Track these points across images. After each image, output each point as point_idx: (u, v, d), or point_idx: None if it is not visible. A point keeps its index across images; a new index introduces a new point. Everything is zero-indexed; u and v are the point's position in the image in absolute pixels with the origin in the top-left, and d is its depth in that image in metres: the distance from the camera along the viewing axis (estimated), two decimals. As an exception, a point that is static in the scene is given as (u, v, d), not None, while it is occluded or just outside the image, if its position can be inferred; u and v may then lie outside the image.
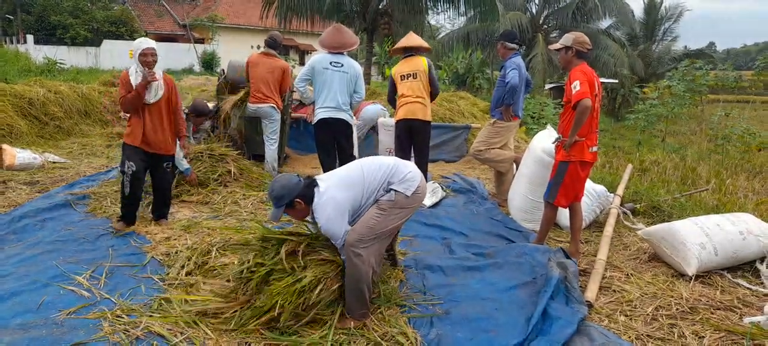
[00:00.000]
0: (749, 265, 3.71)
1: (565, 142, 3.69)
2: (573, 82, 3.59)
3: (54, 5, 27.51)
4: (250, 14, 29.87)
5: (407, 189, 2.91)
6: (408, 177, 2.94)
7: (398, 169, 2.97)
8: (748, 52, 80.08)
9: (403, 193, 2.89)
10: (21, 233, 4.02)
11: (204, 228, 4.19)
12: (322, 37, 5.18)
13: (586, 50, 3.74)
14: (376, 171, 2.93)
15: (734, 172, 8.42)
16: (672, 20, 28.25)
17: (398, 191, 2.90)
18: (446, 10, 16.58)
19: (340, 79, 4.96)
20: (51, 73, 13.88)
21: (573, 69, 3.69)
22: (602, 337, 2.71)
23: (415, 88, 5.30)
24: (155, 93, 4.00)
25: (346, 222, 2.79)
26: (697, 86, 13.87)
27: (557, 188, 3.81)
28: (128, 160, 3.97)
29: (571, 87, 3.58)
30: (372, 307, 2.93)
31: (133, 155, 3.99)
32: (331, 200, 2.75)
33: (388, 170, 2.94)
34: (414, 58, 5.39)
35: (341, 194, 2.79)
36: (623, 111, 20.17)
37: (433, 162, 7.58)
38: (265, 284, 2.77)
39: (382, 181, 2.92)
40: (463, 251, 3.94)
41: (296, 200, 2.77)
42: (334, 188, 2.81)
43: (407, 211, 2.97)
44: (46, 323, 2.71)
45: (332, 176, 2.96)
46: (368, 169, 2.94)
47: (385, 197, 2.90)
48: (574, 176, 3.75)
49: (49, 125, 7.92)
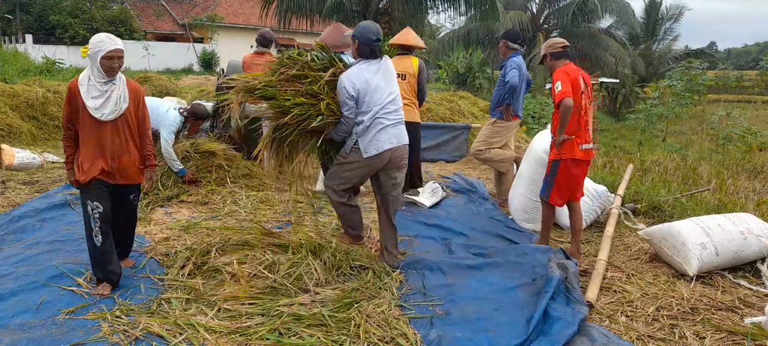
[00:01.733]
0: (750, 265, 3.70)
1: (555, 141, 3.76)
2: (555, 82, 3.69)
3: (53, 5, 27.52)
4: (249, 14, 29.88)
5: (366, 150, 3.29)
6: (376, 138, 3.29)
7: (380, 119, 3.30)
8: (748, 52, 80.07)
9: (362, 152, 3.30)
10: (20, 232, 4.01)
11: (203, 228, 4.18)
12: (322, 36, 5.16)
13: (562, 49, 3.84)
14: (381, 92, 3.32)
15: (735, 172, 8.41)
16: (673, 20, 28.21)
17: (356, 149, 3.32)
18: (447, 10, 16.59)
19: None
20: (50, 72, 13.90)
21: (556, 70, 3.78)
22: (603, 337, 2.70)
23: (402, 90, 5.27)
24: (116, 106, 3.02)
25: (352, 103, 3.24)
26: (696, 86, 13.86)
27: (551, 186, 3.86)
28: (92, 201, 3.00)
29: (554, 87, 3.68)
30: (372, 307, 2.92)
31: (95, 192, 3.02)
32: (345, 77, 3.26)
33: (383, 102, 3.31)
34: (406, 57, 5.35)
35: (357, 78, 3.26)
36: (624, 111, 20.18)
37: (433, 162, 7.58)
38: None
39: (378, 106, 3.29)
40: (463, 252, 3.93)
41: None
42: (358, 68, 3.31)
43: (364, 169, 3.39)
44: (46, 323, 2.71)
45: (363, 65, 3.36)
46: (380, 86, 3.33)
47: (344, 148, 3.37)
48: (566, 174, 3.79)
49: (48, 125, 7.92)
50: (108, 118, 3.00)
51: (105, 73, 2.96)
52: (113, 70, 2.98)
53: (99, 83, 2.97)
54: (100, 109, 2.98)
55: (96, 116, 2.97)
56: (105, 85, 2.99)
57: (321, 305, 2.88)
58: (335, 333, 2.68)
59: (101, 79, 2.98)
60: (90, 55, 2.98)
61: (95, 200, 3.01)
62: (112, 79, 3.01)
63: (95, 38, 2.99)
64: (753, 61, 60.39)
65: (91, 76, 2.97)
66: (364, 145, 3.32)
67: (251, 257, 3.31)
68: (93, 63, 2.96)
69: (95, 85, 2.97)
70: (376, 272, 3.36)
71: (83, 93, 2.96)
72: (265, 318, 2.78)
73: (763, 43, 72.83)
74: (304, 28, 16.89)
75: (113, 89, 3.02)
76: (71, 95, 3.00)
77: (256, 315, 2.80)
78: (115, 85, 3.02)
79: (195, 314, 2.82)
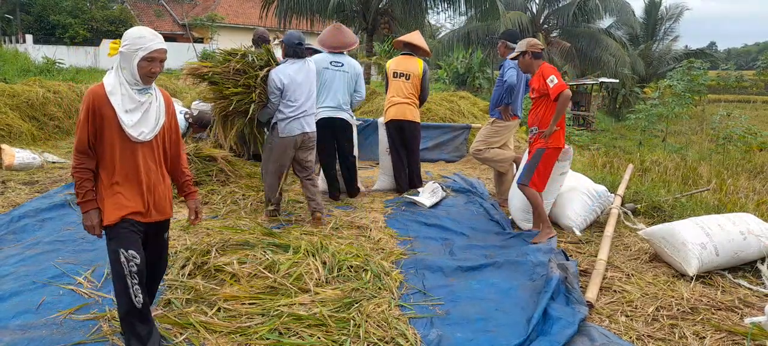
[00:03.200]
0: (750, 265, 3.70)
1: (543, 133, 4.03)
2: (548, 76, 3.95)
3: (53, 5, 27.53)
4: (249, 14, 29.89)
5: (283, 131, 4.19)
6: (291, 125, 4.19)
7: (297, 112, 4.19)
8: (748, 52, 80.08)
9: (279, 132, 4.20)
10: (20, 233, 4.01)
11: (203, 228, 4.17)
12: (321, 36, 5.17)
13: (540, 50, 4.15)
14: (302, 89, 4.20)
15: (735, 172, 8.41)
16: (672, 20, 28.26)
17: (275, 130, 4.22)
18: (446, 10, 16.59)
19: (340, 78, 4.96)
20: (50, 72, 13.90)
21: (543, 66, 4.04)
22: (603, 337, 2.70)
23: (405, 89, 5.33)
24: (156, 123, 2.39)
25: (278, 93, 4.14)
26: (696, 86, 13.88)
27: (532, 172, 4.14)
28: (126, 250, 2.30)
29: (548, 82, 3.94)
30: (372, 307, 2.92)
31: (128, 237, 2.32)
32: (274, 73, 4.14)
33: (302, 99, 4.20)
34: (412, 58, 5.40)
35: (283, 74, 4.14)
36: (624, 111, 20.18)
37: (433, 162, 7.58)
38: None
39: (298, 102, 4.20)
40: (463, 252, 3.93)
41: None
42: (284, 66, 4.20)
43: (283, 147, 4.23)
44: (46, 323, 2.70)
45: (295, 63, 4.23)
46: (302, 84, 4.21)
47: (270, 133, 4.31)
48: (548, 162, 4.12)
49: (48, 125, 7.92)
50: (147, 138, 2.34)
51: (141, 80, 2.30)
52: (152, 76, 2.32)
53: (134, 92, 2.31)
54: (137, 127, 2.30)
55: (133, 136, 2.29)
56: (141, 95, 2.33)
57: (321, 305, 2.88)
58: (335, 333, 2.68)
59: (136, 86, 2.31)
60: (123, 53, 2.29)
61: (130, 247, 2.31)
62: (148, 88, 2.36)
63: (134, 32, 2.31)
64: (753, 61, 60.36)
65: (125, 83, 2.29)
66: (282, 127, 4.22)
67: (251, 257, 3.31)
68: (126, 64, 2.29)
69: (129, 95, 2.29)
70: (375, 272, 3.37)
71: (116, 104, 2.25)
72: (265, 318, 2.78)
73: (763, 43, 72.81)
74: (304, 28, 16.89)
75: (151, 101, 2.36)
76: (96, 107, 2.25)
77: (256, 315, 2.80)
78: (151, 95, 2.38)
79: (195, 313, 2.82)
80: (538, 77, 4.07)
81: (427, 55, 5.75)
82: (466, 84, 25.25)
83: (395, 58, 5.54)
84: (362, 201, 5.26)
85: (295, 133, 4.23)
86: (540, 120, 4.10)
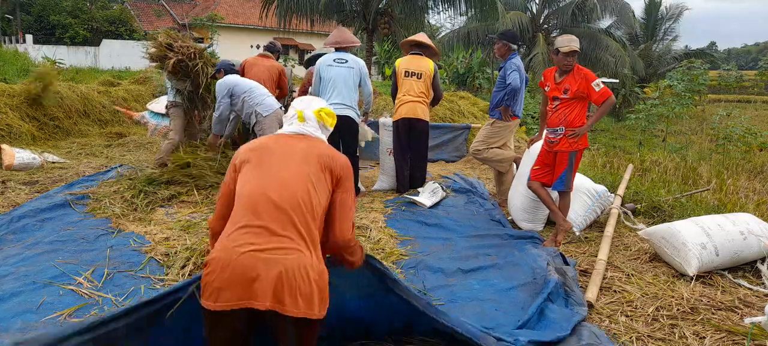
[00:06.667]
0: (750, 265, 3.70)
1: (574, 132, 4.05)
2: (593, 80, 3.98)
3: (53, 5, 27.55)
4: (249, 14, 29.88)
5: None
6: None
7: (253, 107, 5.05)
8: (748, 52, 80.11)
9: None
10: (20, 233, 4.01)
11: (203, 228, 4.17)
12: (329, 38, 5.34)
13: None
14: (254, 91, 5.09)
15: (735, 172, 8.42)
16: (672, 20, 28.23)
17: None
18: (447, 10, 16.58)
19: (345, 74, 5.03)
20: (50, 72, 13.84)
21: (584, 70, 4.06)
22: (592, 337, 2.63)
23: (417, 87, 5.34)
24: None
25: (225, 100, 5.04)
26: (696, 86, 13.88)
27: (571, 176, 4.15)
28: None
29: (593, 86, 3.97)
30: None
31: None
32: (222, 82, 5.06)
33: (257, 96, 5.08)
34: (422, 58, 5.43)
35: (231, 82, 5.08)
36: (624, 111, 20.17)
37: (433, 162, 7.58)
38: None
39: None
40: (464, 252, 3.93)
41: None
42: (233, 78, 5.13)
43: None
44: (46, 323, 2.70)
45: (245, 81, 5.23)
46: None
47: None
48: (578, 162, 4.21)
49: (48, 125, 7.91)
50: None
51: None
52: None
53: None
54: None
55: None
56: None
57: (321, 305, 2.88)
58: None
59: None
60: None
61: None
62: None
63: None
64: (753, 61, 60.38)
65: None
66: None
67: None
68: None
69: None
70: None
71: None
72: (265, 318, 2.77)
73: (763, 43, 72.88)
74: (304, 28, 16.88)
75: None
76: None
77: (257, 315, 2.80)
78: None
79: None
80: (577, 79, 3.99)
81: (437, 55, 5.76)
82: (466, 84, 25.25)
83: (405, 58, 5.55)
84: (362, 201, 5.26)
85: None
86: (569, 121, 4.05)
